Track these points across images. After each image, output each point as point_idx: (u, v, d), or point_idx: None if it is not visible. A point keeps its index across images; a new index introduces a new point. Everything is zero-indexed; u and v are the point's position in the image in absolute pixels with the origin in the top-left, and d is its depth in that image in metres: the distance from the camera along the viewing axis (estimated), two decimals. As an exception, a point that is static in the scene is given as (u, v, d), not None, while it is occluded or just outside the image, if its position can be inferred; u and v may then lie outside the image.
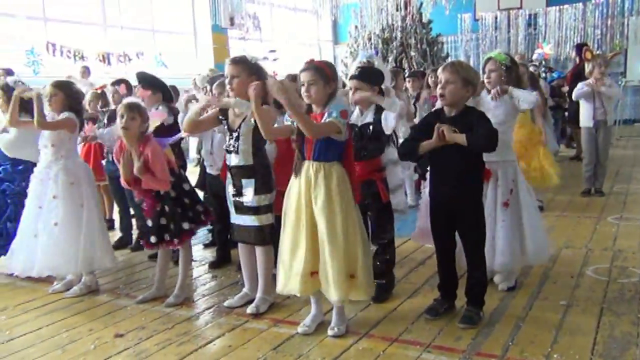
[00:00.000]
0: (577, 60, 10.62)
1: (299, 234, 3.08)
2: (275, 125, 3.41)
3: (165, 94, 4.63)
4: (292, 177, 3.15)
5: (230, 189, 3.50)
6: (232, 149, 3.41)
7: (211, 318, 3.49)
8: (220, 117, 3.48)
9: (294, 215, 3.10)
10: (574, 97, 6.64)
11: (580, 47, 10.66)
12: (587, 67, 6.59)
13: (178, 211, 3.64)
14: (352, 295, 3.08)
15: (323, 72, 3.04)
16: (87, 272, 4.01)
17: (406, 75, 7.37)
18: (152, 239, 3.63)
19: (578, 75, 8.95)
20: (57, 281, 4.13)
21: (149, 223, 3.64)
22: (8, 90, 4.32)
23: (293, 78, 4.66)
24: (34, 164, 4.12)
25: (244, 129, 3.36)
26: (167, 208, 3.62)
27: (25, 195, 4.08)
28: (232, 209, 3.53)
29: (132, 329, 3.36)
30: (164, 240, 3.64)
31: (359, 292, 3.09)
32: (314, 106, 3.10)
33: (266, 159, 3.47)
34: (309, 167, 3.06)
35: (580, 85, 6.50)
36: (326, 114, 2.99)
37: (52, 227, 3.87)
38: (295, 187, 3.12)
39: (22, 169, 4.32)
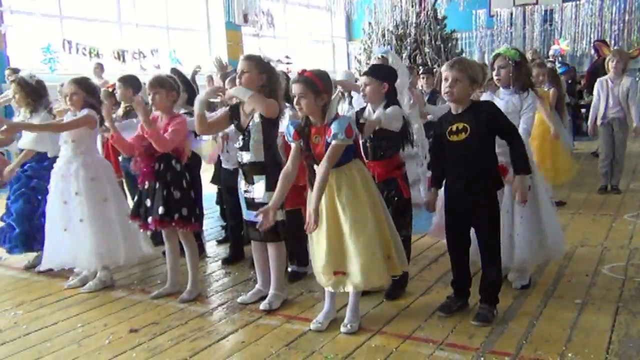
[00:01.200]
0: (596, 56, 10.51)
1: (319, 233, 3.10)
2: (286, 121, 3.40)
3: (191, 96, 4.64)
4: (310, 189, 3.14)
5: (242, 185, 3.51)
6: (243, 146, 3.43)
7: (224, 314, 3.50)
8: (232, 118, 3.50)
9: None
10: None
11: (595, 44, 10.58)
12: (605, 63, 6.56)
13: (163, 194, 3.59)
14: (390, 272, 3.17)
15: (313, 84, 3.01)
16: (130, 263, 4.09)
17: (420, 72, 7.33)
18: (150, 220, 3.62)
19: (595, 72, 8.89)
20: (72, 276, 4.17)
21: (148, 203, 3.62)
22: (25, 85, 4.36)
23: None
24: (55, 160, 4.17)
25: (252, 125, 3.37)
26: (157, 185, 3.60)
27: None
28: (244, 206, 3.54)
29: (146, 324, 3.38)
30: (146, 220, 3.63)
31: (396, 269, 3.20)
32: (311, 117, 3.09)
33: (277, 155, 3.47)
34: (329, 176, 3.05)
35: (596, 84, 6.47)
36: (331, 136, 2.97)
37: (77, 223, 3.92)
38: None
39: (48, 165, 4.36)
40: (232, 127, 3.62)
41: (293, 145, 3.21)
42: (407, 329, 3.14)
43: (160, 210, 3.56)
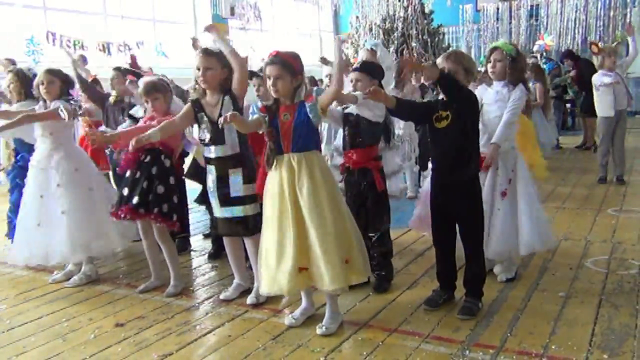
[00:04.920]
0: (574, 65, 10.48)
1: (285, 230, 2.98)
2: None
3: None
4: (270, 172, 3.07)
5: (211, 183, 3.41)
6: (215, 139, 3.32)
7: (211, 308, 3.50)
8: (197, 112, 3.37)
9: (277, 212, 3.01)
10: (597, 85, 6.63)
11: (562, 57, 10.65)
12: (597, 61, 6.68)
13: (142, 185, 3.56)
14: (350, 279, 3.03)
15: (290, 65, 2.98)
16: (105, 255, 4.06)
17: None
18: (122, 209, 3.58)
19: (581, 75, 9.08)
20: (57, 270, 4.14)
21: (124, 192, 3.59)
22: (23, 77, 4.33)
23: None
24: None
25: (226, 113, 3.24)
26: (138, 175, 3.57)
27: None
28: (215, 203, 3.43)
29: (132, 318, 3.37)
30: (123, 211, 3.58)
31: (356, 275, 3.05)
32: (281, 99, 3.05)
33: (249, 146, 3.42)
34: (289, 159, 3.00)
35: (598, 77, 6.55)
36: (311, 103, 2.98)
37: (59, 215, 3.87)
38: (275, 182, 3.04)
39: None
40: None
41: (256, 116, 3.10)
42: (393, 322, 3.16)
43: (135, 200, 3.53)
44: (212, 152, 3.36)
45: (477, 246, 3.24)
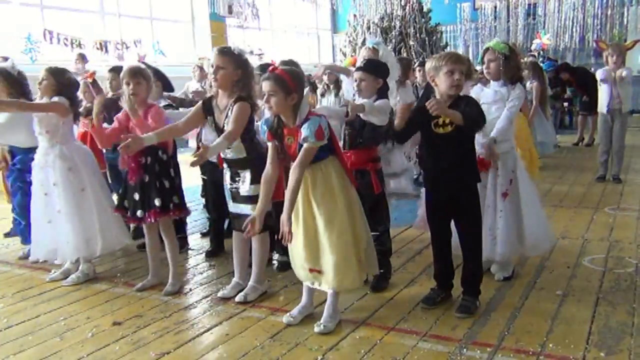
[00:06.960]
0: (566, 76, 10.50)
1: (297, 228, 3.05)
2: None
3: (165, 84, 4.62)
4: None
5: (227, 178, 3.50)
6: None
7: (208, 306, 3.50)
8: (207, 114, 3.41)
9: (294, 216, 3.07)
10: (599, 80, 6.63)
11: (558, 69, 10.67)
12: (604, 57, 6.70)
13: (156, 186, 3.60)
14: (363, 276, 3.19)
15: (284, 82, 2.90)
16: (106, 253, 4.11)
17: (415, 64, 7.34)
18: (139, 213, 3.62)
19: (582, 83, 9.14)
20: (54, 269, 4.13)
21: (136, 197, 3.61)
22: (8, 76, 4.31)
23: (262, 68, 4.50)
24: None
25: (228, 123, 3.29)
26: (147, 178, 3.59)
27: None
28: (229, 198, 3.52)
29: (129, 317, 3.37)
30: (139, 216, 3.63)
31: (370, 269, 3.20)
32: (282, 117, 3.01)
33: (260, 147, 3.39)
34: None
35: (600, 72, 6.56)
36: (301, 139, 2.90)
37: (56, 214, 3.90)
38: None
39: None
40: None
41: (269, 145, 3.12)
42: (391, 320, 3.16)
43: (157, 202, 3.58)
44: (224, 153, 3.42)
45: (475, 245, 3.25)
